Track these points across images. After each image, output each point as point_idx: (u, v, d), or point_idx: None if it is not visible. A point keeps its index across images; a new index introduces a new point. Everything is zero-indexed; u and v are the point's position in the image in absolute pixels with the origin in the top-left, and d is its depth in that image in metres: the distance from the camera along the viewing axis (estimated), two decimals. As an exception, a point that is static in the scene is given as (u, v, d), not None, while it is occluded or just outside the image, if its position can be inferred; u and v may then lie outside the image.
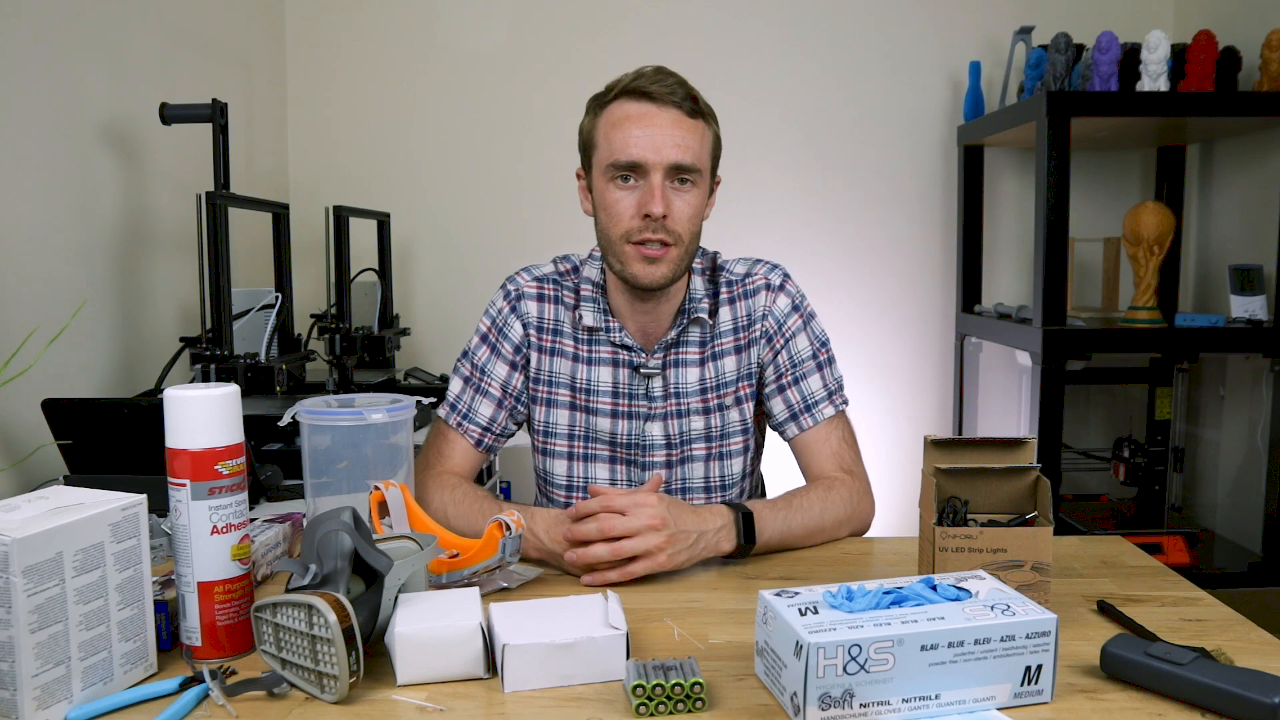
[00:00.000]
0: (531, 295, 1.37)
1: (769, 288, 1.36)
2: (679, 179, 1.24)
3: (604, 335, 1.35)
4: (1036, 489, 1.03)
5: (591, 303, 1.35)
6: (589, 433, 1.36)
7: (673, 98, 1.23)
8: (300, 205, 2.50)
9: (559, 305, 1.37)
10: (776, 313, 1.36)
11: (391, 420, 1.12)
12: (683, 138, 1.23)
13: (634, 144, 1.22)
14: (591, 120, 1.29)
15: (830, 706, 0.76)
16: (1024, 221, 2.71)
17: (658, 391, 1.35)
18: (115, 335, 1.81)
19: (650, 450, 1.35)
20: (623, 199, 1.25)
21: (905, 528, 2.67)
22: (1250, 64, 2.30)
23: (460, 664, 0.86)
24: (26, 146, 1.57)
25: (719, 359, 1.36)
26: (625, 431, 1.35)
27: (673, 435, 1.35)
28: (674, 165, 1.23)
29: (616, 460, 1.36)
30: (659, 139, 1.22)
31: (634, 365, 1.35)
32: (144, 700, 0.83)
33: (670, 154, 1.22)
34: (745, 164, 2.67)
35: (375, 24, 2.68)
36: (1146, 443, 2.46)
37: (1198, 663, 0.81)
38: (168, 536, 1.15)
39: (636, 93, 1.24)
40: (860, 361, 2.70)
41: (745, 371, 1.37)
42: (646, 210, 1.22)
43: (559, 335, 1.37)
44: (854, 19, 2.67)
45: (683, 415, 1.35)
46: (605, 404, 1.35)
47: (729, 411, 1.36)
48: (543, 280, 1.38)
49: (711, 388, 1.36)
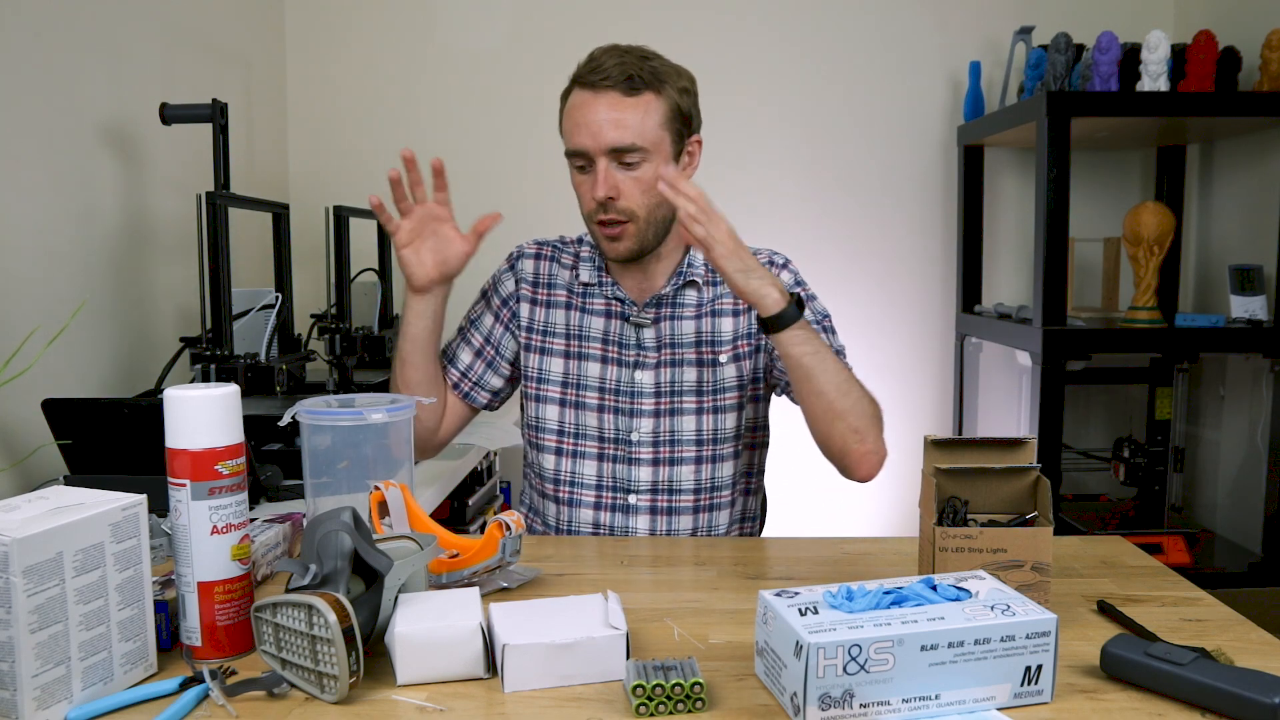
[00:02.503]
0: (530, 254, 1.49)
1: (773, 264, 1.44)
2: (624, 160, 1.31)
3: (599, 290, 1.43)
4: (1036, 489, 1.03)
5: (589, 261, 1.44)
6: (579, 380, 1.41)
7: (607, 81, 1.30)
8: (300, 205, 2.49)
9: (556, 263, 1.48)
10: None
11: (391, 420, 1.12)
12: (620, 118, 1.30)
13: (576, 133, 1.32)
14: (561, 113, 1.38)
15: (830, 706, 0.76)
16: (1024, 221, 2.70)
17: (650, 342, 1.40)
18: (115, 335, 1.81)
19: (639, 398, 1.39)
20: (582, 184, 1.35)
21: (905, 528, 2.67)
22: (1250, 64, 2.30)
23: (460, 664, 0.86)
24: (26, 146, 1.57)
25: (717, 316, 1.41)
26: (614, 377, 1.40)
27: (663, 385, 1.39)
28: (612, 148, 1.30)
29: (605, 409, 1.40)
30: (594, 125, 1.30)
31: (626, 317, 1.41)
32: (144, 700, 0.83)
33: (607, 138, 1.29)
34: (745, 164, 2.67)
35: (375, 24, 2.68)
36: (1146, 443, 2.47)
37: (1198, 663, 0.81)
38: (168, 536, 1.15)
39: (580, 82, 1.33)
40: (860, 361, 2.67)
41: (744, 331, 1.41)
42: (594, 195, 1.32)
43: (553, 288, 1.46)
44: (854, 19, 2.67)
45: (675, 365, 1.39)
46: (595, 349, 1.41)
47: (724, 368, 1.40)
48: (543, 244, 1.50)
49: (706, 341, 1.40)
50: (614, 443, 1.40)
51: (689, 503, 1.40)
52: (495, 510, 2.34)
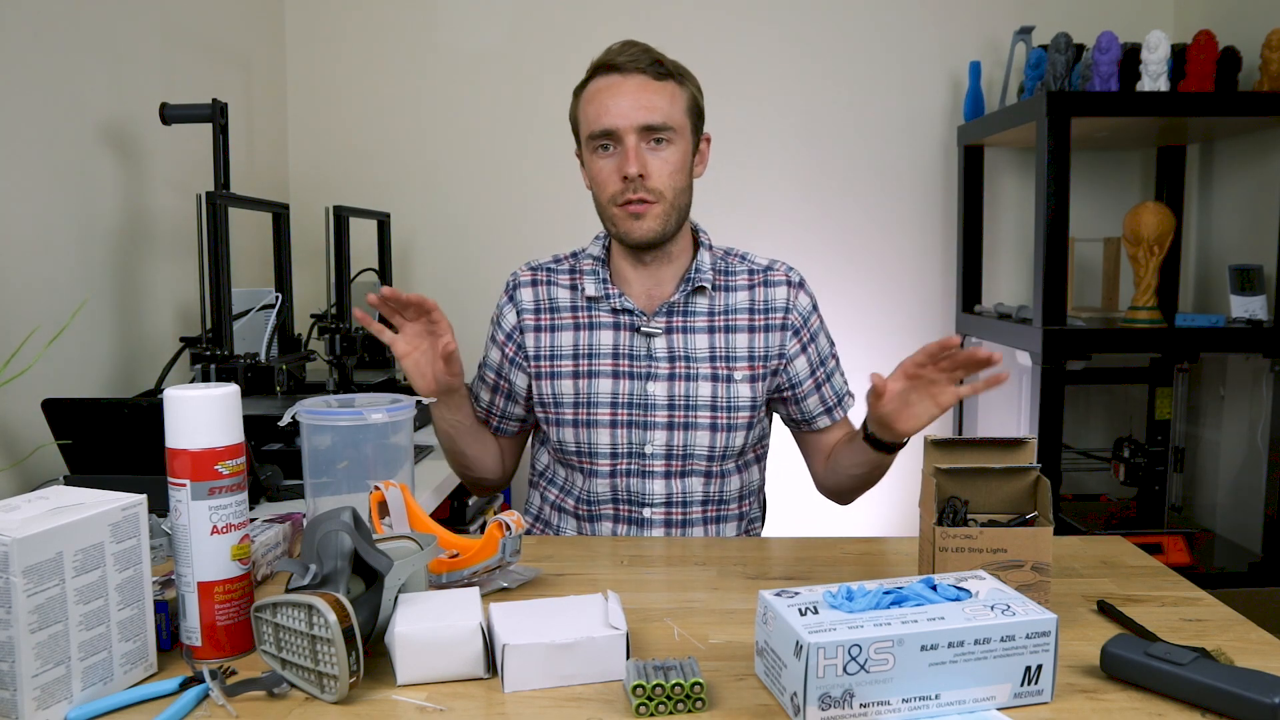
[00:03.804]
0: (526, 283, 1.46)
1: (790, 283, 1.43)
2: (654, 139, 1.32)
3: (605, 303, 1.40)
4: (1036, 489, 1.03)
5: (592, 274, 1.42)
6: (590, 398, 1.39)
7: (637, 64, 1.32)
8: (300, 205, 2.50)
9: (554, 285, 1.45)
10: (800, 308, 1.42)
11: (391, 420, 1.12)
12: (650, 99, 1.31)
13: (605, 113, 1.31)
14: (575, 103, 1.39)
15: (830, 706, 0.76)
16: (1024, 221, 2.70)
17: (661, 353, 1.38)
18: (115, 335, 1.81)
19: (652, 410, 1.37)
20: (605, 166, 1.34)
21: (905, 528, 2.67)
22: (1250, 64, 2.30)
23: (460, 664, 0.86)
24: (26, 146, 1.57)
25: (731, 332, 1.40)
26: (627, 391, 1.38)
27: (676, 397, 1.37)
28: (644, 126, 1.30)
29: (617, 424, 1.38)
30: (626, 104, 1.30)
31: (635, 327, 1.39)
32: (144, 700, 0.83)
33: (638, 116, 1.30)
34: (745, 164, 2.67)
35: (375, 24, 2.68)
36: (1146, 443, 2.46)
37: (1198, 663, 0.81)
38: (168, 536, 1.15)
39: (605, 67, 1.34)
40: (860, 361, 2.69)
41: (761, 353, 1.40)
42: (624, 172, 1.31)
43: (557, 312, 1.43)
44: (854, 19, 2.67)
45: (690, 379, 1.38)
46: (606, 365, 1.39)
47: (738, 385, 1.38)
48: (538, 268, 1.47)
49: (721, 357, 1.39)
50: (627, 457, 1.38)
51: (698, 514, 1.40)
52: (495, 510, 2.34)
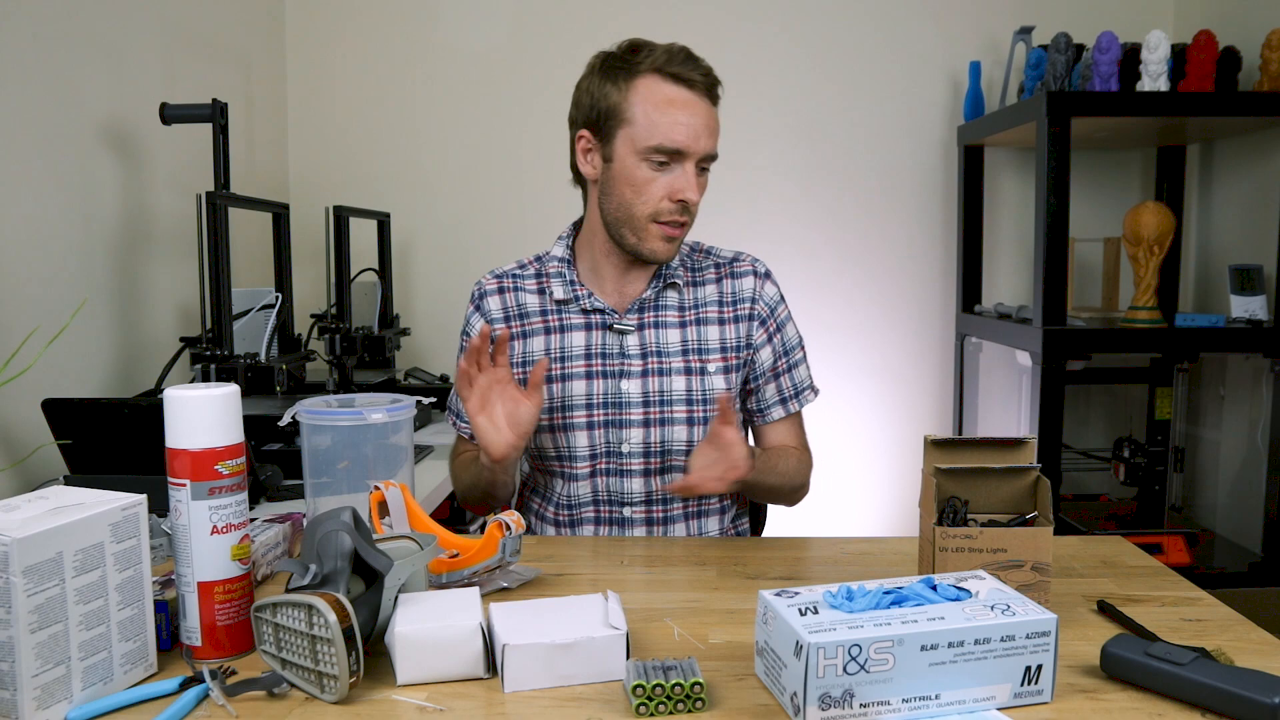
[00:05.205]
0: (493, 291, 1.42)
1: (755, 274, 1.43)
2: (702, 166, 1.31)
3: (575, 304, 1.39)
4: (1036, 489, 1.03)
5: (559, 277, 1.40)
6: (566, 401, 1.37)
7: (707, 84, 1.29)
8: (300, 205, 2.50)
9: (521, 291, 1.42)
10: (767, 299, 1.42)
11: (391, 420, 1.12)
12: (714, 125, 1.30)
13: (679, 131, 1.26)
14: (615, 88, 1.29)
15: (830, 706, 0.76)
16: (1024, 221, 2.71)
17: (634, 350, 1.37)
18: (115, 335, 1.81)
19: (627, 408, 1.36)
20: (656, 180, 1.29)
21: (905, 528, 2.67)
22: (1250, 64, 2.30)
23: (460, 664, 0.86)
24: (26, 146, 1.57)
25: (702, 325, 1.40)
26: (601, 391, 1.37)
27: (651, 393, 1.36)
28: (707, 155, 1.30)
29: (594, 425, 1.37)
30: (699, 128, 1.27)
31: (607, 325, 1.38)
32: (144, 700, 0.83)
33: (706, 144, 1.29)
34: (745, 164, 2.67)
35: (375, 24, 2.68)
36: (1146, 443, 2.46)
37: (1198, 663, 0.81)
38: (168, 536, 1.15)
39: (675, 76, 1.27)
40: (860, 361, 2.71)
41: (733, 344, 1.40)
42: (681, 196, 1.28)
43: (526, 317, 1.41)
44: (854, 19, 2.67)
45: (664, 374, 1.37)
46: (579, 366, 1.37)
47: (712, 378, 1.38)
48: (503, 276, 1.44)
49: (693, 350, 1.38)
50: (605, 457, 1.37)
51: (679, 510, 1.39)
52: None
